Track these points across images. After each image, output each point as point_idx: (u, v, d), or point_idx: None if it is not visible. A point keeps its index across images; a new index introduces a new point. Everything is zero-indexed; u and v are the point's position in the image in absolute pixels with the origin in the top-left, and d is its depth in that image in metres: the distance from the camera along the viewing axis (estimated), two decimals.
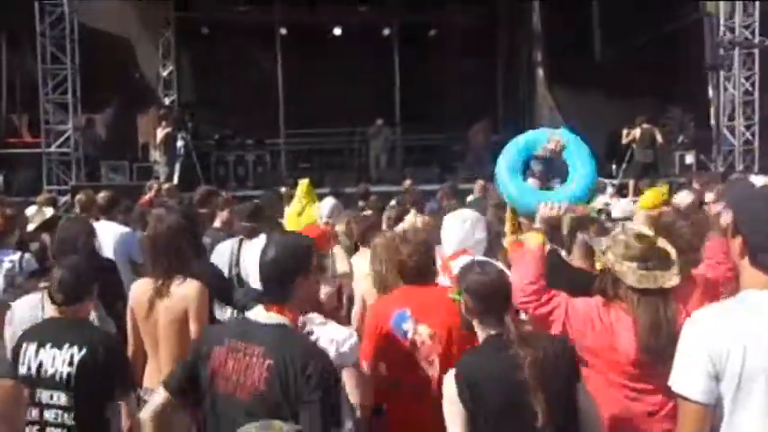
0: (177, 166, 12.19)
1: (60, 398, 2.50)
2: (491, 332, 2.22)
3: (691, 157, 12.66)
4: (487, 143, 13.28)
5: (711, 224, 3.07)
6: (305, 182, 6.18)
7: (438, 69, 15.63)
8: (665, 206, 3.84)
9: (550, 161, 2.96)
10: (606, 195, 7.67)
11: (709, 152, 12.64)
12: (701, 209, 5.09)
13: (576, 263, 3.07)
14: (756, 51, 12.03)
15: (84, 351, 2.52)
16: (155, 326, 3.13)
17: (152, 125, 13.13)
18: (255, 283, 2.08)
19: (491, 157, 13.96)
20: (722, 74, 12.31)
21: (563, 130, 3.04)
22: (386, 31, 15.78)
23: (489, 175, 10.91)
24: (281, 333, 2.00)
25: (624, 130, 11.52)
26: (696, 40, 12.60)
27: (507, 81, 16.60)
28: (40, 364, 2.52)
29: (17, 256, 4.02)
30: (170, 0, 14.34)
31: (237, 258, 4.17)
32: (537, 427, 2.04)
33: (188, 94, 15.41)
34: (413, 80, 15.27)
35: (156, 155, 12.45)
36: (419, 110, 14.94)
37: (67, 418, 2.51)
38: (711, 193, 6.24)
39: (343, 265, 3.73)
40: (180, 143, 12.58)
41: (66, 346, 2.53)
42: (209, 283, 3.21)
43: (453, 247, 3.32)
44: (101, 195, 5.68)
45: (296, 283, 2.05)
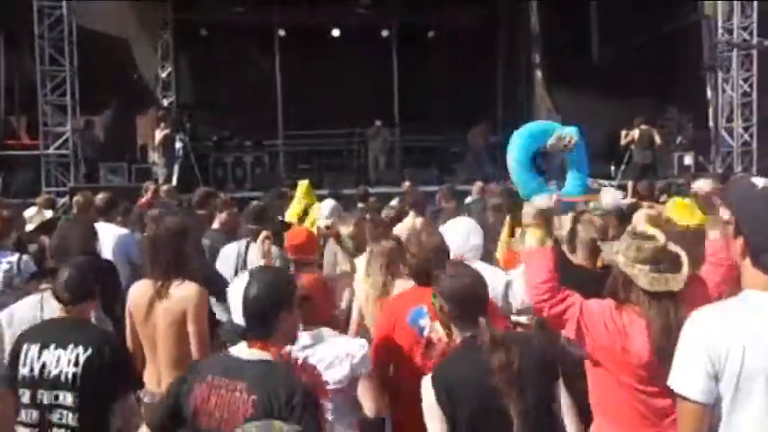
0: (176, 168, 12.19)
1: (66, 398, 2.50)
2: (467, 335, 2.22)
3: (689, 159, 12.67)
4: (486, 145, 13.30)
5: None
6: (305, 183, 6.15)
7: (437, 70, 15.64)
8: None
9: (549, 159, 2.97)
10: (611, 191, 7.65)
11: (708, 153, 12.66)
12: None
13: (579, 262, 3.07)
14: (755, 53, 12.05)
15: (90, 351, 2.51)
16: (153, 328, 3.12)
17: (150, 126, 13.13)
18: (239, 318, 2.08)
19: (490, 159, 14.01)
20: (720, 75, 12.33)
21: (574, 129, 3.03)
22: (385, 33, 15.78)
23: (488, 177, 10.96)
24: (264, 369, 2.03)
25: (623, 132, 11.53)
26: (694, 42, 12.63)
27: (506, 82, 16.61)
28: (44, 365, 2.51)
29: (15, 258, 4.01)
30: (168, 1, 14.35)
31: (245, 260, 4.20)
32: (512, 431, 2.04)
33: (186, 96, 15.40)
34: (412, 81, 15.29)
35: (155, 156, 12.44)
36: (418, 111, 14.95)
37: (72, 419, 2.50)
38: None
39: (344, 264, 3.75)
40: (178, 144, 12.58)
41: (71, 346, 2.52)
42: (207, 284, 3.21)
43: (451, 254, 3.33)
44: (99, 197, 5.67)
45: (279, 318, 2.08)
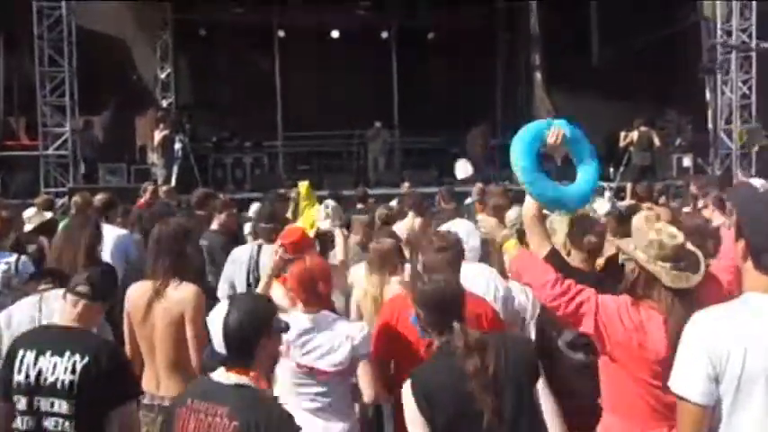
0: (175, 169, 12.19)
1: (62, 406, 2.47)
2: (443, 341, 2.23)
3: (688, 161, 12.68)
4: (486, 146, 13.30)
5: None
6: (305, 184, 6.14)
7: (436, 72, 15.65)
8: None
9: (554, 162, 2.96)
10: (605, 198, 7.66)
11: (707, 155, 12.66)
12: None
13: (576, 264, 3.06)
14: (754, 55, 12.05)
15: (87, 359, 2.49)
16: (152, 329, 3.11)
17: (150, 127, 13.12)
18: (219, 347, 2.11)
19: (489, 161, 14.01)
20: (719, 77, 12.33)
21: (563, 122, 3.02)
22: (384, 34, 15.78)
23: (488, 178, 10.94)
24: (244, 394, 2.05)
25: (622, 133, 11.54)
26: (694, 44, 12.65)
27: (505, 84, 16.63)
28: (40, 372, 2.49)
29: (13, 259, 4.00)
30: (168, 2, 14.35)
31: (257, 263, 4.21)
32: None
33: (186, 97, 15.39)
34: (411, 83, 15.29)
35: (154, 157, 12.43)
36: (417, 112, 14.94)
37: (68, 426, 2.47)
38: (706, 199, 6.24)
39: (340, 253, 3.76)
40: (177, 145, 12.58)
41: (68, 353, 2.49)
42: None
43: None
44: (98, 198, 5.67)
45: (259, 345, 2.11)
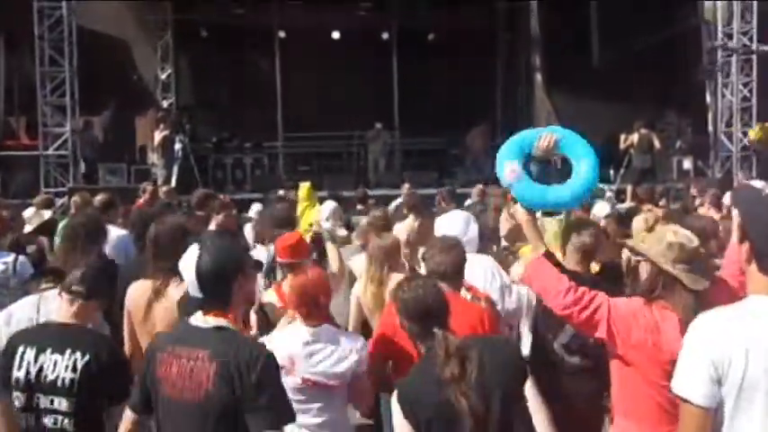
0: (175, 169, 12.19)
1: (61, 403, 2.47)
2: (426, 348, 2.23)
3: (688, 163, 12.68)
4: (486, 147, 13.29)
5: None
6: (306, 185, 6.13)
7: (437, 73, 15.65)
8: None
9: (547, 164, 2.95)
10: (605, 200, 7.67)
11: (707, 158, 12.66)
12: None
13: (572, 267, 3.05)
14: (754, 58, 12.06)
15: (88, 357, 2.49)
16: (152, 328, 3.11)
17: (150, 128, 13.13)
18: (194, 290, 2.10)
19: (490, 162, 14.04)
20: (720, 80, 12.33)
21: (555, 127, 3.02)
22: (385, 35, 15.80)
23: (488, 180, 10.97)
24: (222, 336, 2.06)
25: (622, 136, 11.53)
26: (694, 46, 12.65)
27: (506, 85, 16.64)
28: (40, 369, 2.49)
29: (11, 258, 4.00)
30: (168, 3, 14.36)
31: (272, 267, 4.21)
32: None
33: (186, 97, 15.40)
34: (411, 84, 15.29)
35: (154, 157, 12.44)
36: (418, 113, 14.95)
37: (67, 424, 2.48)
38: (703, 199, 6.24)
39: (334, 265, 3.77)
40: (178, 146, 12.58)
41: (69, 351, 2.50)
42: None
43: None
44: (97, 198, 5.67)
45: (235, 284, 2.11)
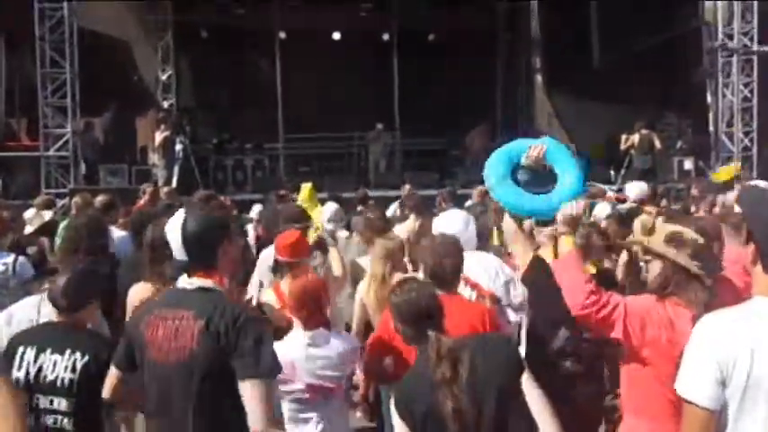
0: (176, 170, 12.19)
1: (61, 403, 2.48)
2: (420, 350, 2.24)
3: (689, 163, 12.66)
4: (486, 148, 13.27)
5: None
6: (308, 186, 6.13)
7: (437, 74, 15.66)
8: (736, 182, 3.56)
9: (536, 173, 2.97)
10: (606, 202, 7.64)
11: (708, 158, 12.65)
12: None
13: None
14: (755, 58, 12.05)
15: (87, 357, 2.50)
16: None
17: (151, 129, 13.13)
18: (180, 254, 2.12)
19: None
20: (720, 80, 12.33)
21: (545, 139, 3.03)
22: (385, 36, 15.80)
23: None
24: (208, 296, 2.08)
25: (623, 136, 11.53)
26: (694, 47, 12.64)
27: (506, 86, 16.64)
28: (40, 369, 2.50)
29: (11, 259, 4.00)
30: (169, 4, 14.37)
31: None
32: None
33: (187, 98, 15.41)
34: (412, 85, 15.29)
35: (155, 158, 12.44)
36: (418, 114, 14.95)
37: (67, 424, 2.49)
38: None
39: (338, 270, 3.77)
40: (178, 147, 12.59)
41: (69, 352, 2.51)
42: None
43: None
44: (98, 199, 5.67)
45: (220, 249, 2.14)
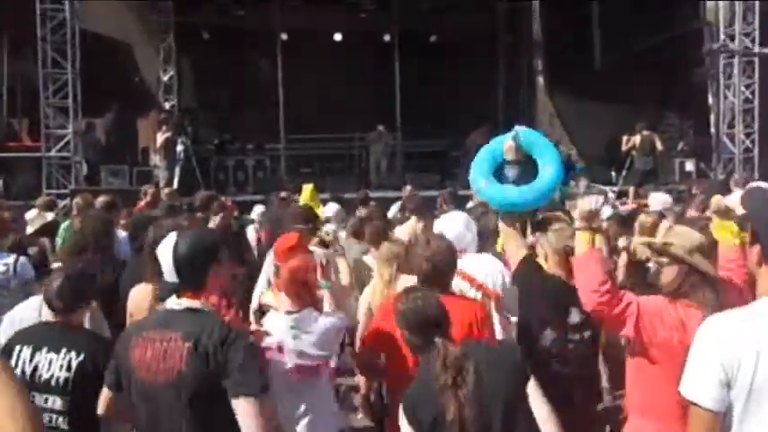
0: (177, 171, 12.19)
1: (56, 402, 2.49)
2: (426, 357, 2.25)
3: (691, 165, 12.66)
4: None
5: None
6: (309, 187, 6.12)
7: (438, 75, 15.67)
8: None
9: (524, 165, 2.99)
10: (607, 204, 7.65)
11: (709, 160, 12.64)
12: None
13: (551, 269, 3.04)
14: (756, 59, 12.05)
15: (83, 356, 2.51)
16: None
17: (152, 129, 13.14)
18: (170, 276, 2.16)
19: None
20: (722, 81, 12.32)
21: (520, 131, 3.05)
22: (386, 37, 15.81)
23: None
24: (196, 316, 2.10)
25: (624, 137, 11.53)
26: (696, 48, 12.64)
27: (507, 87, 16.64)
28: (35, 368, 2.50)
29: (11, 260, 4.01)
30: (171, 5, 14.39)
31: None
32: None
33: (188, 99, 15.43)
34: (413, 86, 15.30)
35: (156, 159, 12.44)
36: (419, 116, 14.96)
37: (62, 422, 2.49)
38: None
39: (345, 278, 3.76)
40: (180, 148, 12.58)
41: (64, 350, 2.52)
42: None
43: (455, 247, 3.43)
44: (99, 200, 5.68)
45: (209, 270, 2.17)
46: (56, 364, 2.50)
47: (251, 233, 6.90)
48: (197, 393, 2.02)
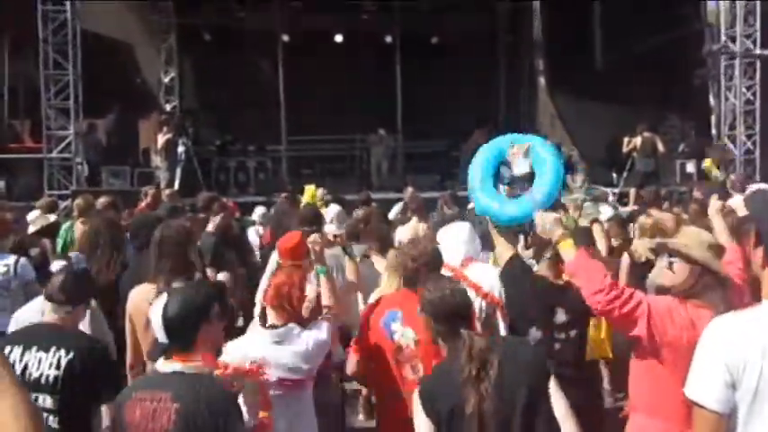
0: (178, 172, 12.20)
1: (46, 400, 2.49)
2: (451, 347, 2.26)
3: (691, 166, 12.63)
4: None
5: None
6: (311, 188, 6.14)
7: (439, 76, 15.66)
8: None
9: (512, 167, 2.99)
10: (609, 205, 7.65)
11: None
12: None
13: (541, 272, 3.05)
14: (758, 61, 12.03)
15: (72, 354, 2.51)
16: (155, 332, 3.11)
17: (153, 131, 13.15)
18: (162, 336, 2.19)
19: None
20: (723, 83, 12.31)
21: (529, 136, 3.06)
22: (388, 38, 15.81)
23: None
24: (184, 378, 2.12)
25: (625, 139, 11.52)
26: (697, 49, 12.63)
27: (508, 88, 16.63)
28: (25, 367, 2.51)
29: (12, 260, 4.02)
30: (172, 6, 14.40)
31: None
32: None
33: (189, 100, 15.44)
34: (414, 87, 15.29)
35: (158, 160, 12.45)
36: (421, 117, 14.96)
37: (52, 421, 2.49)
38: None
39: (351, 274, 3.77)
40: (181, 149, 12.59)
41: (54, 349, 2.53)
42: None
43: (461, 256, 3.52)
44: (100, 200, 5.69)
45: (199, 330, 2.18)
46: (45, 363, 2.51)
47: (252, 234, 6.91)
48: None
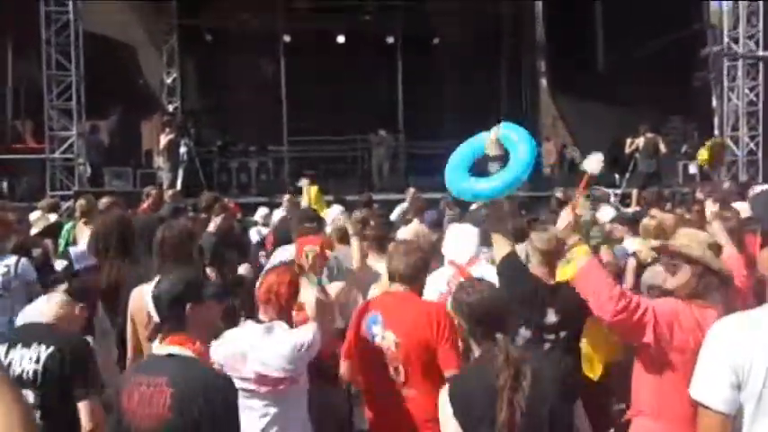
0: (180, 173, 12.21)
1: (28, 396, 2.49)
2: (484, 350, 2.24)
3: (694, 167, 12.60)
4: None
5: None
6: (314, 188, 6.13)
7: (441, 77, 15.66)
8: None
9: (506, 159, 3.01)
10: (610, 205, 7.63)
11: None
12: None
13: (534, 269, 3.05)
14: (761, 62, 12.01)
15: (52, 349, 2.53)
16: None
17: (155, 132, 13.17)
18: (156, 316, 2.20)
19: (495, 166, 14.11)
20: (726, 84, 12.29)
21: (502, 125, 3.08)
22: (389, 39, 15.81)
23: None
24: (178, 362, 2.13)
25: (628, 140, 11.48)
26: (699, 50, 12.61)
27: (510, 89, 16.62)
28: (9, 364, 2.52)
29: (13, 261, 4.02)
30: (174, 7, 14.43)
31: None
32: None
33: (191, 101, 15.46)
34: (416, 88, 15.30)
35: (160, 161, 12.47)
36: (422, 117, 14.95)
37: (35, 416, 2.49)
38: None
39: (356, 260, 3.80)
40: (183, 149, 12.61)
41: (35, 344, 2.55)
42: None
43: (468, 256, 3.57)
44: (102, 201, 5.69)
45: (188, 310, 2.17)
46: (26, 358, 2.53)
47: (253, 235, 6.90)
48: None
